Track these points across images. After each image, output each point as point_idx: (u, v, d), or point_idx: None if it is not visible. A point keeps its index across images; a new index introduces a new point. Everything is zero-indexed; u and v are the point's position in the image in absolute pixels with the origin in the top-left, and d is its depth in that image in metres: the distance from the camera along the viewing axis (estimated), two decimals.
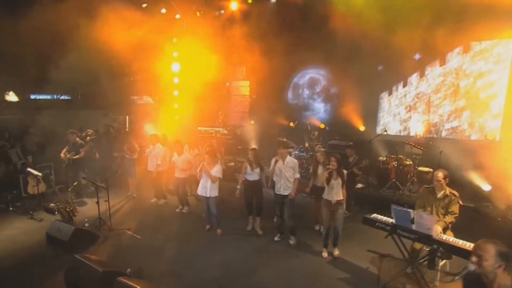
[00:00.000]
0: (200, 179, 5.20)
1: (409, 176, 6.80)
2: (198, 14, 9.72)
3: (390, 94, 9.04)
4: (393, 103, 9.01)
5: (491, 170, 6.26)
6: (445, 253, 3.31)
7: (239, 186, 5.29)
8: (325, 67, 10.06)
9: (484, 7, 6.27)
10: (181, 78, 10.36)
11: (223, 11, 9.64)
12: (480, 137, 7.47)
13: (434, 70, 8.13)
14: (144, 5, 9.16)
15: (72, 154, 6.55)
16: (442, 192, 3.75)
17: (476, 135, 7.54)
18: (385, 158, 7.23)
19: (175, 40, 10.02)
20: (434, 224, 3.37)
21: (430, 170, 6.46)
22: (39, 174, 6.24)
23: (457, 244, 3.26)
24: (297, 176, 4.90)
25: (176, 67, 10.16)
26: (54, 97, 12.68)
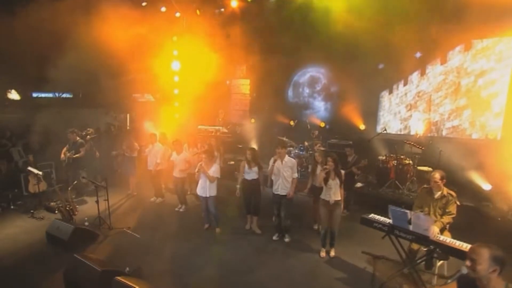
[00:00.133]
0: (198, 179, 5.22)
1: (408, 175, 6.78)
2: (198, 13, 9.68)
3: (391, 92, 9.00)
4: (393, 102, 8.96)
5: (492, 169, 6.24)
6: (442, 254, 3.31)
7: (239, 185, 5.33)
8: (325, 66, 10.02)
9: (486, 5, 6.21)
10: (181, 76, 10.35)
11: (223, 10, 9.61)
12: (481, 136, 7.42)
13: (435, 69, 8.07)
14: (144, 3, 9.13)
15: (72, 153, 6.58)
16: (440, 192, 3.74)
17: (477, 134, 7.49)
18: (384, 157, 7.21)
19: (175, 38, 10.00)
20: (431, 225, 3.37)
21: (429, 170, 6.44)
22: (40, 173, 6.27)
23: (454, 245, 3.25)
24: (295, 176, 4.92)
25: (176, 66, 10.15)
26: (56, 95, 12.73)
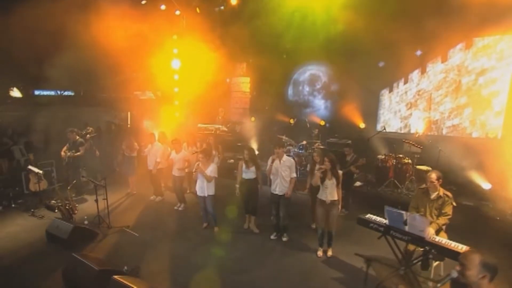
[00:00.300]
0: (196, 179, 5.24)
1: (407, 174, 6.78)
2: (198, 11, 9.66)
3: (391, 91, 8.96)
4: (393, 100, 8.93)
5: (492, 168, 6.22)
6: (437, 255, 3.32)
7: (238, 185, 5.35)
8: (325, 64, 9.98)
9: (487, 3, 6.15)
10: (181, 75, 10.35)
11: (223, 7, 9.58)
12: (481, 135, 7.39)
13: (435, 67, 8.02)
14: (143, 1, 9.12)
15: (72, 152, 6.62)
16: (436, 193, 3.73)
17: (477, 133, 7.46)
18: (383, 157, 7.20)
19: (175, 37, 9.99)
20: (426, 226, 3.37)
21: (429, 169, 6.41)
22: (40, 172, 6.32)
23: (449, 246, 3.25)
24: (293, 175, 4.92)
25: (176, 64, 10.14)
26: (58, 93, 12.77)
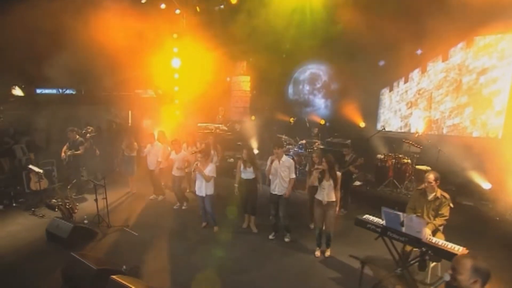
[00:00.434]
0: (195, 179, 5.26)
1: (407, 174, 6.77)
2: (198, 9, 9.64)
3: (391, 90, 8.92)
4: (394, 99, 8.89)
5: (492, 168, 6.20)
6: (434, 256, 3.33)
7: (236, 184, 5.36)
8: (326, 63, 9.95)
9: (489, 1, 6.11)
10: (181, 73, 10.36)
11: (223, 6, 9.55)
12: (482, 134, 7.36)
13: (436, 66, 7.98)
14: (143, 0, 9.11)
15: (72, 151, 6.66)
16: (433, 194, 3.73)
17: (478, 132, 7.42)
18: (383, 156, 7.19)
19: (175, 36, 9.98)
20: (423, 227, 3.37)
21: (428, 169, 6.41)
22: (40, 171, 6.35)
23: (445, 247, 3.26)
24: (292, 176, 4.91)
25: (176, 63, 10.14)
26: (60, 91, 12.79)
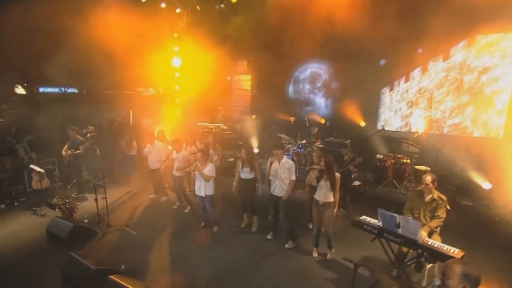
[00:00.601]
0: (194, 178, 5.28)
1: (406, 174, 6.75)
2: (198, 8, 9.63)
3: (392, 89, 8.88)
4: (394, 99, 8.85)
5: (493, 168, 6.16)
6: (429, 257, 3.33)
7: (235, 183, 5.38)
8: (326, 62, 9.92)
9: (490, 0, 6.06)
10: (182, 72, 10.37)
11: (223, 5, 9.54)
12: (483, 134, 7.31)
13: (437, 65, 7.92)
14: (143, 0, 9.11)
15: (72, 151, 6.70)
16: (430, 196, 3.73)
17: (479, 132, 7.38)
18: (382, 156, 7.18)
19: (176, 35, 9.98)
20: (419, 229, 3.38)
21: (427, 169, 6.40)
22: (41, 171, 6.40)
23: (441, 249, 3.26)
24: (292, 178, 4.84)
25: (177, 62, 10.15)
26: (62, 90, 12.85)
